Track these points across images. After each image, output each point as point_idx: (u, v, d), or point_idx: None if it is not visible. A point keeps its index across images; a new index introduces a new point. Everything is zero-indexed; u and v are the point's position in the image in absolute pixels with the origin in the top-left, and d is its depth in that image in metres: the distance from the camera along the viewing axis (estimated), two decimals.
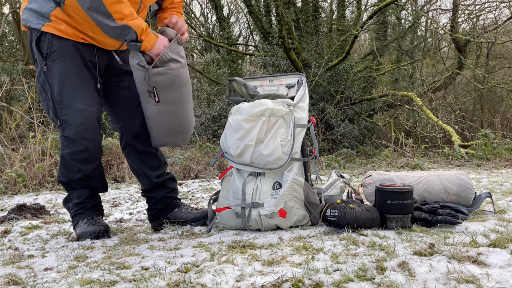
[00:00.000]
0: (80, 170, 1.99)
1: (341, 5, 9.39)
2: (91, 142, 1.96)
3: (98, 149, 2.03)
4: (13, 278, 1.43)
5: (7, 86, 6.93)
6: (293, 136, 2.02)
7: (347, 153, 6.80)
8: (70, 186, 2.05)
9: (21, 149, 4.76)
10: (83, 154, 1.96)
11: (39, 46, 1.93)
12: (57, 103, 1.93)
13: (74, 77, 1.93)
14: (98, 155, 2.05)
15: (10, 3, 9.00)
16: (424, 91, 8.34)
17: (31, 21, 1.93)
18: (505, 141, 6.46)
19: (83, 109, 1.92)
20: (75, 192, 2.06)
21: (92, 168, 2.02)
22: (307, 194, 2.03)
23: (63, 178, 2.04)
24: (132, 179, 4.86)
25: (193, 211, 2.25)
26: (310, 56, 7.76)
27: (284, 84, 2.22)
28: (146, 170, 2.18)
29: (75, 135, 1.92)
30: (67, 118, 1.92)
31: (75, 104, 1.92)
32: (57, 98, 1.92)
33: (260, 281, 1.27)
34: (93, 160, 2.01)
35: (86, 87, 1.96)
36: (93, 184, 2.07)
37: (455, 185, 2.16)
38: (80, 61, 1.95)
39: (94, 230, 1.97)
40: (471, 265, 1.33)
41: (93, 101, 1.97)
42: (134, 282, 1.32)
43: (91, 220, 2.03)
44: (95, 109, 1.97)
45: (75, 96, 1.92)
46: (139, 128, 2.13)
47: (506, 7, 8.82)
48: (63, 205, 2.13)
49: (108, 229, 2.04)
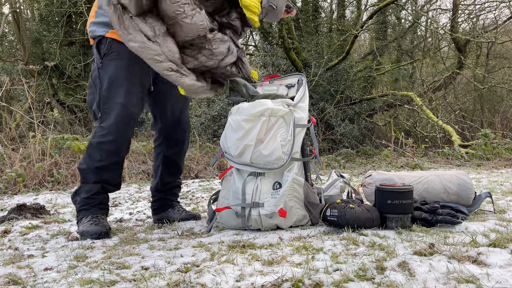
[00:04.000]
0: (102, 159, 2.08)
1: (341, 5, 9.39)
2: (121, 136, 2.09)
3: (125, 145, 2.14)
4: (13, 278, 1.43)
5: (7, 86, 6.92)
6: (293, 136, 2.02)
7: (347, 153, 6.80)
8: (85, 176, 2.11)
9: (21, 149, 4.76)
10: (111, 145, 2.07)
11: (99, 47, 2.10)
12: (103, 97, 2.09)
13: (124, 78, 2.07)
14: (124, 151, 2.14)
15: (10, 3, 8.99)
16: (424, 91, 8.34)
17: (97, 30, 2.11)
18: (505, 141, 6.45)
19: (124, 104, 2.06)
20: (85, 187, 2.11)
21: (113, 161, 2.11)
22: (307, 194, 2.03)
23: (83, 165, 2.12)
24: (132, 179, 4.86)
25: (183, 212, 2.40)
26: (310, 56, 7.76)
27: (284, 84, 2.22)
28: (163, 173, 2.37)
29: (110, 126, 2.06)
30: (108, 111, 2.08)
31: (118, 100, 2.06)
32: (104, 93, 2.09)
33: (260, 281, 1.27)
34: (117, 154, 2.11)
35: (132, 89, 2.10)
36: (107, 177, 2.12)
37: (455, 185, 2.16)
38: (133, 66, 2.08)
39: (96, 230, 2.00)
40: (471, 265, 1.33)
41: (135, 102, 2.10)
42: (134, 282, 1.32)
43: (95, 219, 2.06)
44: (134, 109, 2.10)
45: (120, 93, 2.07)
46: (176, 135, 2.33)
47: (506, 7, 8.81)
48: (71, 199, 2.19)
49: (109, 231, 2.06)
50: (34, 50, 8.77)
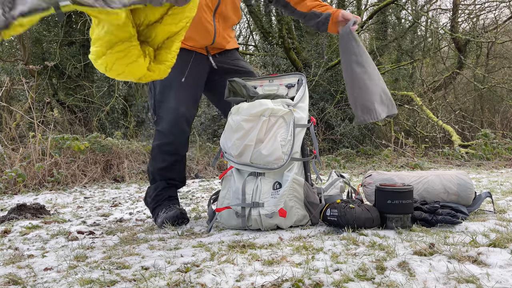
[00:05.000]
0: (164, 160, 2.25)
1: (341, 5, 9.39)
2: (177, 138, 2.22)
3: (183, 144, 2.27)
4: (13, 278, 1.43)
5: (7, 86, 6.92)
6: (293, 136, 2.02)
7: (347, 153, 6.80)
8: (153, 177, 2.30)
9: (21, 149, 4.75)
10: (169, 146, 2.23)
11: None
12: (157, 101, 2.23)
13: (177, 82, 2.18)
14: (182, 150, 2.28)
15: None
16: (424, 91, 8.34)
17: None
18: (505, 140, 6.45)
19: (175, 107, 2.19)
20: (152, 186, 2.30)
21: (173, 160, 2.26)
22: (307, 194, 2.03)
23: (150, 167, 2.32)
24: (132, 179, 4.86)
25: None
26: (310, 56, 7.76)
27: (284, 84, 2.22)
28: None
29: (165, 129, 2.21)
30: (162, 114, 2.22)
31: (170, 103, 2.19)
32: (158, 97, 2.22)
33: (260, 281, 1.27)
34: (176, 153, 2.26)
35: (184, 91, 2.19)
36: (172, 176, 2.29)
37: (455, 185, 2.16)
38: (187, 69, 2.19)
39: (171, 215, 2.17)
40: (471, 265, 1.33)
41: (187, 103, 2.21)
42: (134, 282, 1.32)
43: (168, 208, 2.22)
44: (186, 109, 2.21)
45: (172, 97, 2.19)
46: None
47: (506, 7, 8.81)
48: (145, 204, 2.36)
49: (185, 213, 2.22)
50: (34, 50, 8.76)
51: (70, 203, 3.43)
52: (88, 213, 2.88)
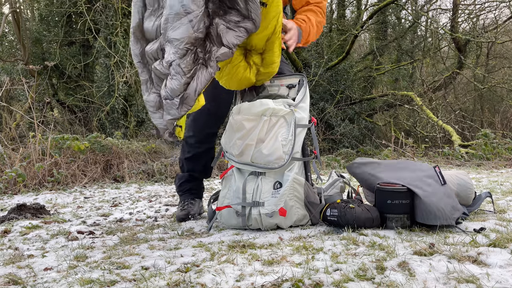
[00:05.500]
0: (188, 151, 2.46)
1: (341, 4, 9.39)
2: (199, 131, 2.40)
3: (204, 136, 2.42)
4: (13, 278, 1.43)
5: (7, 86, 6.92)
6: (294, 136, 2.02)
7: (347, 153, 6.80)
8: (181, 166, 2.54)
9: (21, 149, 4.75)
10: (191, 139, 2.42)
11: None
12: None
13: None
14: (204, 144, 2.43)
15: (10, 3, 8.98)
16: (424, 91, 8.34)
17: None
18: (505, 140, 6.45)
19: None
20: (178, 176, 2.55)
21: (196, 152, 2.44)
22: (307, 193, 2.03)
23: (180, 155, 2.55)
24: (132, 179, 4.86)
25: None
26: (310, 56, 7.76)
27: (285, 84, 2.22)
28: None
29: (190, 123, 2.41)
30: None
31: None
32: None
33: (260, 281, 1.27)
34: (198, 146, 2.44)
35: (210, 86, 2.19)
36: (192, 166, 2.47)
37: (455, 185, 2.16)
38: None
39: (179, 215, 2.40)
40: (471, 265, 1.33)
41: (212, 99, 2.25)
42: (134, 282, 1.32)
43: (181, 205, 2.46)
44: (210, 105, 2.22)
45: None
46: None
47: (506, 7, 8.81)
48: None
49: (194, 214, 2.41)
50: (34, 50, 8.77)
51: (70, 203, 3.43)
52: (88, 213, 2.88)
